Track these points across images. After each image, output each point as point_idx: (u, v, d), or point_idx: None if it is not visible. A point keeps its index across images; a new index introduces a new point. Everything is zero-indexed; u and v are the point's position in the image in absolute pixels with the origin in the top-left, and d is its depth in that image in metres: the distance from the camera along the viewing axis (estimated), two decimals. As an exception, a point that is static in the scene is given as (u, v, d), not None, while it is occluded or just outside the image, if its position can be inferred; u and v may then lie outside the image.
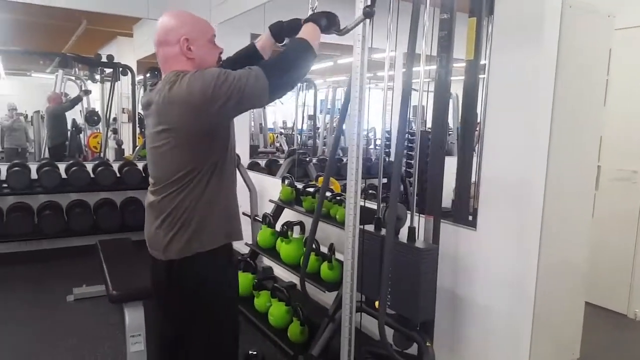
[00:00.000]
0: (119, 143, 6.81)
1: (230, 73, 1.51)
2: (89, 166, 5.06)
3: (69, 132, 6.96)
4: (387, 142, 2.53)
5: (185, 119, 1.54)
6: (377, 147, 6.00)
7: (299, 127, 7.23)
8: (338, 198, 3.06)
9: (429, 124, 2.49)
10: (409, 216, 2.21)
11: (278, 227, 3.37)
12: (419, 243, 2.15)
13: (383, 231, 2.24)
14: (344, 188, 3.66)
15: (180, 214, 1.65)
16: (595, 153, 2.51)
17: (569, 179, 2.32)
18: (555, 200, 2.21)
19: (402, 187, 2.74)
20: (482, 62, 2.52)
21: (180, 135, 1.58)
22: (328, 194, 3.10)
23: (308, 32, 1.70)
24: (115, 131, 6.99)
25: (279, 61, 1.60)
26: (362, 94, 2.10)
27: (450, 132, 5.97)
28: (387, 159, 2.49)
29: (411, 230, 2.16)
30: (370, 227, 2.30)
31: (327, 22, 1.76)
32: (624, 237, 3.76)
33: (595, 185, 2.57)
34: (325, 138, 6.93)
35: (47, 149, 6.65)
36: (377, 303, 2.13)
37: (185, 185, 1.63)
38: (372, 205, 2.55)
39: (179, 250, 1.67)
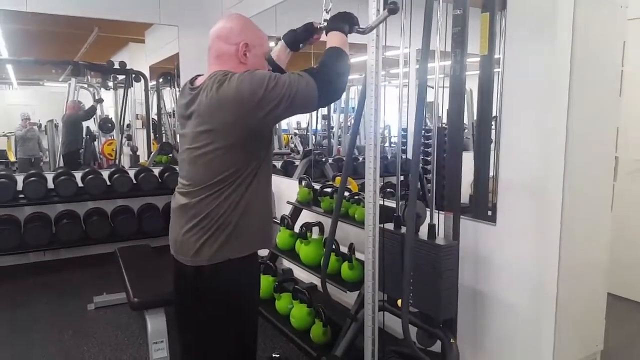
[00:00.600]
0: (134, 149, 6.85)
1: (280, 77, 1.51)
2: (105, 173, 5.10)
3: (83, 140, 7.01)
4: (403, 140, 2.52)
5: (232, 119, 1.53)
6: (392, 145, 5.97)
7: (313, 127, 7.22)
8: (356, 197, 3.06)
9: (444, 120, 2.49)
10: (428, 213, 2.21)
11: (296, 228, 3.38)
12: (439, 240, 2.15)
13: (403, 229, 2.24)
14: (361, 187, 3.66)
15: (217, 217, 1.63)
16: (613, 144, 2.49)
17: (588, 171, 2.31)
18: (575, 193, 2.20)
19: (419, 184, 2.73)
20: (497, 56, 2.51)
21: (225, 137, 1.57)
22: (346, 193, 3.10)
23: (337, 40, 1.69)
24: (129, 137, 7.03)
25: (322, 69, 1.60)
26: (377, 92, 2.10)
27: (465, 128, 5.92)
28: (404, 157, 2.49)
29: (431, 228, 2.16)
30: (389, 226, 2.30)
31: (349, 26, 1.75)
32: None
33: (613, 177, 2.55)
34: (340, 137, 6.91)
35: (60, 156, 6.70)
36: (399, 301, 2.13)
37: (226, 188, 1.61)
38: (391, 203, 2.55)
39: (210, 256, 1.65)
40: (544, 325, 2.23)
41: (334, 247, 2.88)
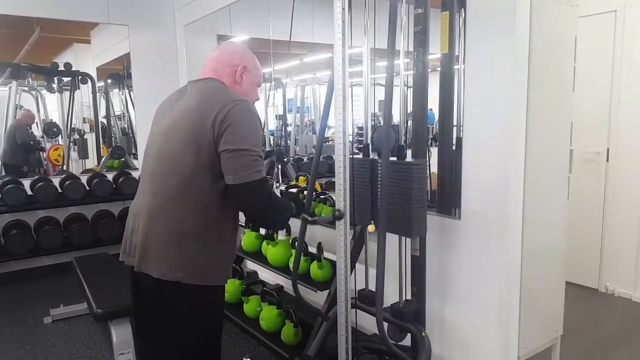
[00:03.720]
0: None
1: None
2: (56, 180, 4.88)
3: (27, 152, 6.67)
4: (360, 138, 2.54)
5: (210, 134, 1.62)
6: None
7: (269, 128, 7.19)
8: (322, 197, 3.07)
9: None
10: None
11: (261, 230, 3.35)
12: (408, 159, 2.19)
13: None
14: (324, 187, 3.67)
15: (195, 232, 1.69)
16: (568, 137, 2.59)
17: (546, 164, 2.39)
18: (535, 185, 2.28)
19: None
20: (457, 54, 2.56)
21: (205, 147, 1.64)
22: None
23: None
24: (83, 137, 6.72)
25: (275, 206, 1.81)
26: (345, 92, 2.10)
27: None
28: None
29: (400, 148, 2.16)
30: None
31: (297, 207, 2.03)
32: (592, 215, 3.92)
33: (569, 168, 2.66)
34: (297, 137, 6.92)
35: (1, 164, 6.37)
36: (370, 227, 2.16)
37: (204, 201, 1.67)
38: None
39: (188, 276, 1.68)
40: (510, 313, 2.30)
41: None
